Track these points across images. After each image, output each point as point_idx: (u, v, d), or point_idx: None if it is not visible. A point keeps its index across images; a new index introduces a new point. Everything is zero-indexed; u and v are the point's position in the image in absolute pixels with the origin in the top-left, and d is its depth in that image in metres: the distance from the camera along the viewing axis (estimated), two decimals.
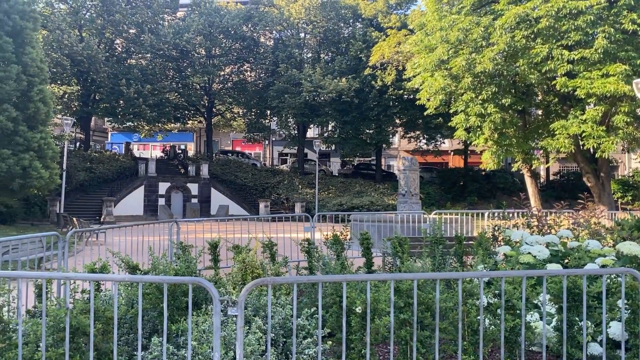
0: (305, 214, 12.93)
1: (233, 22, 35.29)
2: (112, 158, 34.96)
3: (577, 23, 16.80)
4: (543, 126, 21.96)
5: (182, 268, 4.92)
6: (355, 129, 35.81)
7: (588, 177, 21.37)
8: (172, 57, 35.82)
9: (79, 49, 29.71)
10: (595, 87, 16.83)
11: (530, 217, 8.45)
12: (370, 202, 30.77)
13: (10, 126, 13.44)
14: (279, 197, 34.16)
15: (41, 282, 4.16)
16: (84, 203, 29.47)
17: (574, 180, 35.55)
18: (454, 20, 19.46)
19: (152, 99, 33.22)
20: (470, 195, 34.70)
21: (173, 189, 32.82)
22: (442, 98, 21.68)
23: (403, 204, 14.23)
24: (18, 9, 13.93)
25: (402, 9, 36.51)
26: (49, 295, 4.36)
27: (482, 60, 18.43)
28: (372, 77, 32.96)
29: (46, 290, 3.71)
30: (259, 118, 39.93)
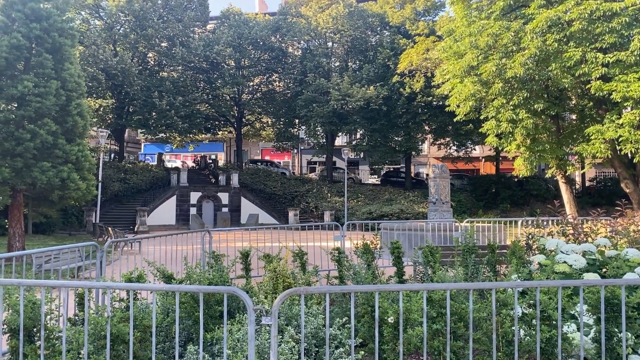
0: (334, 223, 12.95)
1: (262, 33, 35.82)
2: (145, 169, 35.82)
3: (611, 25, 16.36)
4: (578, 131, 21.38)
5: (216, 277, 5.01)
6: (384, 137, 35.69)
7: (626, 183, 20.67)
8: (203, 69, 36.58)
9: (113, 63, 30.69)
10: (632, 90, 16.32)
11: (565, 224, 8.24)
12: (400, 210, 30.55)
13: (50, 139, 13.95)
14: (308, 206, 34.29)
15: (83, 291, 4.31)
16: (119, 213, 30.26)
17: (611, 186, 34.44)
18: (483, 25, 19.23)
19: (184, 111, 33.96)
20: (502, 202, 34.05)
21: (204, 199, 33.37)
22: (472, 104, 21.37)
23: (434, 212, 14.09)
24: (57, 26, 14.49)
25: (430, 15, 36.36)
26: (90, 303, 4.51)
27: (513, 65, 18.13)
28: (400, 85, 32.84)
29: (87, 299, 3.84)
30: (287, 127, 40.29)
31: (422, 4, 35.53)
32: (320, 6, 36.62)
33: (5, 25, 14.41)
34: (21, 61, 14.47)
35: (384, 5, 37.30)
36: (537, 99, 19.37)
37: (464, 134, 34.04)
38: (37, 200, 15.68)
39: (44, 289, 3.80)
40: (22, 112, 14.05)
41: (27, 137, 13.72)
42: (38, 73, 14.25)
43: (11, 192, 14.83)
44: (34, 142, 13.70)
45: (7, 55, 13.86)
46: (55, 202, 15.07)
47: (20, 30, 14.19)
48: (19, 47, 14.09)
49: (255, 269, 8.17)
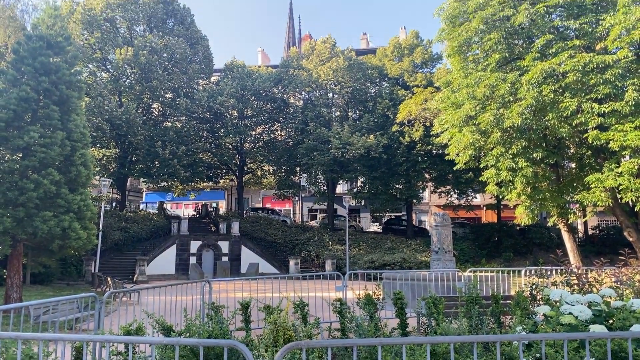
0: (336, 272, 12.82)
1: (264, 84, 36.74)
2: (146, 217, 35.78)
3: (605, 76, 16.77)
4: (577, 179, 21.48)
5: (216, 330, 4.93)
6: (385, 184, 35.84)
7: (629, 232, 20.55)
8: (206, 119, 37.27)
9: (118, 113, 31.31)
10: (629, 139, 16.53)
11: (569, 274, 8.16)
12: (402, 258, 30.26)
13: (53, 189, 14.05)
14: (309, 254, 33.99)
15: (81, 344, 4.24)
16: (118, 262, 29.99)
17: (614, 234, 34.24)
18: (480, 77, 19.70)
19: (186, 160, 34.32)
20: (505, 251, 33.74)
21: (204, 247, 33.14)
22: (472, 153, 21.59)
23: (436, 261, 13.97)
24: (65, 79, 14.92)
25: (428, 67, 37.38)
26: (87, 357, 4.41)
27: (511, 115, 18.45)
28: (400, 134, 33.33)
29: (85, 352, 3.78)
30: (288, 175, 40.57)
31: (419, 57, 36.61)
32: (321, 59, 37.74)
33: (15, 79, 14.83)
34: (29, 112, 14.80)
35: (382, 58, 38.43)
36: (535, 148, 19.58)
37: (464, 182, 34.19)
38: (37, 250, 15.59)
39: (41, 342, 3.74)
40: (26, 162, 14.23)
41: (30, 186, 13.83)
42: (44, 124, 14.54)
43: (11, 241, 14.79)
44: (37, 191, 13.80)
45: (15, 107, 14.20)
46: (55, 252, 14.98)
47: (29, 83, 14.59)
48: (27, 100, 14.44)
49: (255, 320, 8.02)
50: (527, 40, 20.63)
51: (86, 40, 34.10)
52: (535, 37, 19.61)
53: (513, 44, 20.65)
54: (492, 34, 19.47)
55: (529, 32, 19.92)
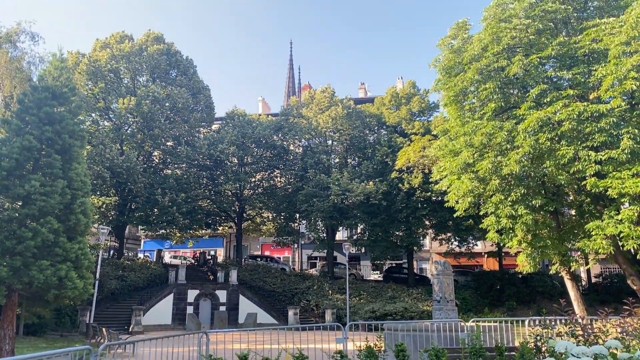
0: (336, 323, 12.55)
1: (264, 132, 37.27)
2: (143, 266, 35.35)
3: (600, 125, 16.99)
4: (578, 227, 21.39)
5: None
6: (385, 231, 35.66)
7: (633, 280, 20.28)
8: (206, 166, 37.56)
9: (119, 161, 31.57)
10: (627, 187, 16.57)
11: (574, 325, 8.00)
12: (404, 308, 29.69)
13: (51, 237, 13.96)
14: (308, 304, 33.36)
15: None
16: (114, 312, 29.40)
17: (618, 282, 33.73)
18: (476, 125, 20.00)
19: (185, 207, 34.30)
20: (508, 299, 33.16)
21: (201, 297, 32.57)
22: (471, 200, 21.61)
23: (438, 311, 13.71)
24: (68, 129, 15.14)
25: (425, 115, 38.05)
26: None
27: (508, 162, 18.59)
28: (399, 180, 33.50)
29: None
30: (288, 222, 40.44)
31: (416, 106, 37.34)
32: (320, 108, 38.46)
33: (19, 128, 15.05)
34: (31, 161, 14.92)
35: (380, 107, 39.20)
36: (534, 195, 19.63)
37: (464, 230, 34.02)
38: (32, 300, 15.31)
39: None
40: (26, 210, 14.22)
41: (28, 235, 13.75)
42: (46, 172, 14.63)
43: (6, 291, 14.55)
44: (35, 240, 13.71)
45: (17, 156, 14.33)
46: (50, 302, 14.71)
47: (32, 133, 14.80)
48: (30, 149, 14.60)
49: None
50: (522, 89, 21.09)
51: (90, 90, 34.85)
52: (530, 87, 20.06)
53: (508, 93, 21.09)
54: (487, 84, 19.93)
55: (523, 82, 20.41)
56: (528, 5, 20.12)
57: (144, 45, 36.65)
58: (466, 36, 22.79)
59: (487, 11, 22.09)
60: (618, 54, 17.07)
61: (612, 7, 20.23)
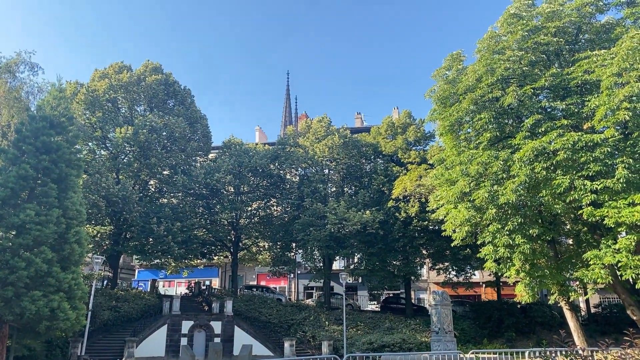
0: (334, 356, 12.31)
1: (261, 161, 37.34)
2: (137, 296, 34.80)
3: (595, 154, 17.07)
4: (576, 256, 21.26)
5: None
6: (382, 261, 35.39)
7: (632, 310, 20.06)
8: (203, 195, 37.43)
9: (115, 190, 31.42)
10: (624, 216, 16.54)
11: (575, 356, 7.86)
12: (402, 339, 29.17)
13: (45, 268, 13.79)
14: (304, 335, 32.77)
15: None
16: (107, 344, 28.77)
17: (618, 312, 33.38)
18: (472, 154, 20.10)
19: (181, 236, 34.01)
20: (507, 330, 32.70)
21: (196, 328, 31.97)
22: (468, 229, 21.52)
23: (437, 342, 13.49)
24: (65, 158, 15.16)
25: (421, 145, 38.30)
26: None
27: (505, 192, 18.59)
28: (395, 209, 33.44)
29: None
30: (284, 251, 40.12)
31: (412, 135, 37.62)
32: (316, 137, 38.68)
33: (15, 157, 15.06)
34: (26, 190, 14.87)
35: (376, 136, 39.47)
36: (531, 224, 19.56)
37: (462, 259, 33.82)
38: (23, 332, 14.98)
39: None
40: (20, 240, 14.08)
41: (21, 265, 13.57)
42: (41, 202, 14.56)
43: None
44: (28, 270, 13.52)
45: (13, 185, 14.29)
46: (42, 334, 14.40)
47: (29, 162, 14.79)
48: (26, 178, 14.57)
49: None
50: (517, 119, 21.31)
51: (87, 120, 34.99)
52: (525, 117, 20.25)
53: (503, 123, 21.29)
54: (482, 114, 20.12)
55: (518, 112, 20.62)
56: (521, 38, 20.52)
57: (142, 75, 37.03)
58: (461, 67, 23.15)
59: (480, 43, 22.51)
60: (610, 84, 17.33)
61: (602, 40, 20.66)
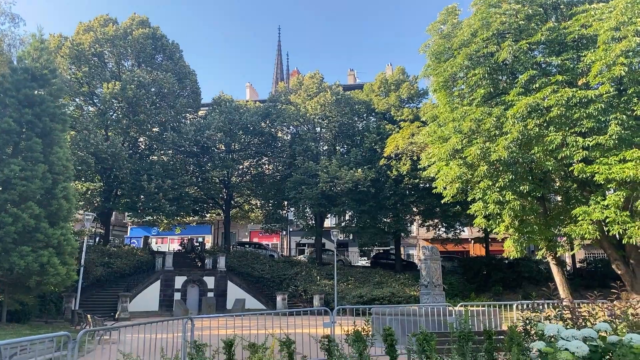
0: (324, 308, 12.47)
1: (252, 119, 36.86)
2: (130, 252, 35.01)
3: (588, 111, 17.01)
4: (564, 212, 21.52)
5: None
6: (373, 218, 35.68)
7: (617, 265, 20.50)
8: (193, 152, 37.11)
9: (104, 147, 31.03)
10: (614, 172, 16.64)
11: (563, 308, 7.98)
12: (391, 293, 29.80)
13: (32, 223, 13.67)
14: (296, 290, 33.36)
15: None
16: (100, 299, 29.11)
17: (602, 267, 34.15)
18: (465, 111, 19.93)
19: (172, 193, 33.92)
20: (494, 285, 33.46)
21: (189, 283, 32.39)
22: (459, 186, 21.63)
23: (426, 295, 13.70)
24: (49, 112, 14.77)
25: (414, 102, 37.87)
26: None
27: (497, 148, 18.57)
28: (387, 167, 33.43)
29: None
30: (276, 209, 40.27)
31: (406, 92, 37.14)
32: (308, 94, 38.09)
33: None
34: (10, 145, 14.55)
35: (369, 93, 38.94)
36: (522, 181, 19.64)
37: (452, 216, 34.16)
38: (13, 287, 15.01)
39: None
40: (5, 195, 13.89)
41: (8, 220, 13.44)
42: (26, 157, 14.27)
43: None
44: (15, 226, 13.40)
45: None
46: (32, 289, 14.45)
47: (12, 115, 14.40)
48: (9, 132, 14.22)
49: (239, 359, 7.67)
50: (511, 75, 21.03)
51: (73, 75, 34.10)
52: (519, 73, 19.99)
53: (497, 80, 21.02)
54: (476, 70, 19.81)
55: (512, 68, 20.33)
56: None
57: (128, 29, 35.85)
58: (456, 21, 22.60)
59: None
60: (607, 39, 17.03)
61: None
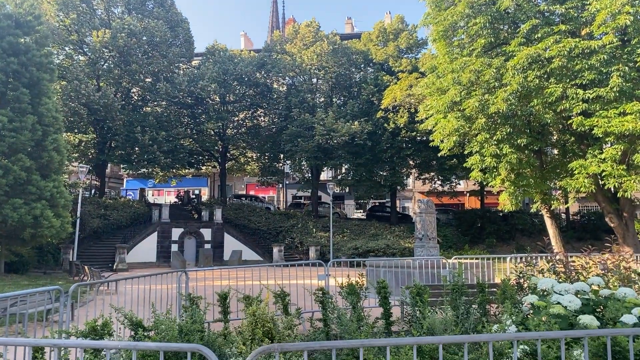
0: (319, 260, 12.55)
1: (247, 69, 36.05)
2: (126, 204, 35.10)
3: (590, 62, 16.63)
4: (561, 166, 21.47)
5: (187, 325, 4.61)
6: (369, 171, 35.65)
7: (611, 218, 20.65)
8: (187, 104, 36.51)
9: (96, 98, 30.42)
10: (613, 125, 16.46)
11: (556, 262, 7.99)
12: (386, 245, 30.20)
13: (23, 175, 13.50)
14: (293, 241, 33.75)
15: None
16: (98, 250, 29.39)
17: (595, 220, 34.60)
18: (465, 62, 19.46)
19: (167, 146, 33.63)
20: (488, 237, 33.93)
21: (186, 235, 32.66)
22: (456, 139, 21.44)
23: (420, 248, 13.80)
24: (35, 61, 14.26)
25: (413, 52, 37.02)
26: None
27: (496, 101, 18.27)
28: (384, 120, 33.07)
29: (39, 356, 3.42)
30: (272, 162, 40.13)
31: (404, 42, 36.22)
32: (304, 43, 37.10)
33: None
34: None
35: (367, 43, 37.96)
36: (520, 134, 19.46)
37: (448, 169, 34.16)
38: (8, 239, 15.01)
39: None
40: None
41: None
42: (14, 108, 13.89)
43: None
44: (6, 178, 13.22)
45: None
46: (27, 241, 14.46)
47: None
48: None
49: (235, 311, 7.72)
50: (513, 25, 20.39)
51: (61, 22, 32.96)
52: (521, 22, 19.36)
53: (499, 29, 20.38)
54: (477, 19, 19.17)
55: (514, 17, 19.68)
56: None
57: None
58: None
59: None
60: None
61: None
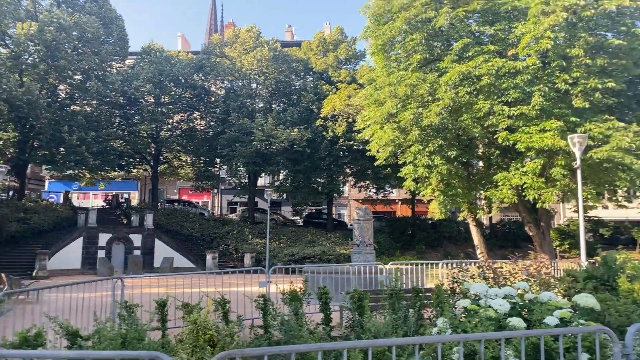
0: (259, 267, 12.53)
1: (184, 71, 35.25)
2: (48, 208, 33.03)
3: (515, 81, 17.92)
4: (486, 177, 22.83)
5: (130, 332, 4.49)
6: (307, 178, 35.93)
7: (530, 227, 22.19)
8: (120, 104, 35.08)
9: (18, 93, 28.47)
10: (534, 141, 17.79)
11: (485, 268, 8.53)
12: (322, 251, 30.49)
13: None
14: (227, 248, 33.23)
15: None
16: (16, 257, 27.38)
17: (515, 229, 36.93)
18: (401, 76, 20.28)
19: (96, 147, 32.09)
20: (418, 243, 35.21)
21: (114, 240, 31.24)
22: (392, 150, 22.22)
23: (357, 254, 14.12)
24: None
25: (352, 64, 37.87)
26: None
27: (429, 114, 19.18)
28: (323, 128, 33.52)
29: None
30: (207, 166, 39.34)
31: (344, 53, 36.98)
32: (245, 48, 36.89)
33: None
34: None
35: (307, 51, 38.38)
36: (450, 146, 20.53)
37: (383, 178, 35.15)
38: None
39: None
40: None
41: None
42: None
43: None
44: None
45: None
46: None
47: None
48: None
49: (172, 319, 7.55)
50: (446, 42, 21.51)
51: None
52: (454, 40, 20.48)
53: (433, 46, 21.42)
54: (414, 35, 20.06)
55: (448, 35, 20.78)
56: None
57: None
58: None
59: None
60: (537, 12, 17.75)
61: None
